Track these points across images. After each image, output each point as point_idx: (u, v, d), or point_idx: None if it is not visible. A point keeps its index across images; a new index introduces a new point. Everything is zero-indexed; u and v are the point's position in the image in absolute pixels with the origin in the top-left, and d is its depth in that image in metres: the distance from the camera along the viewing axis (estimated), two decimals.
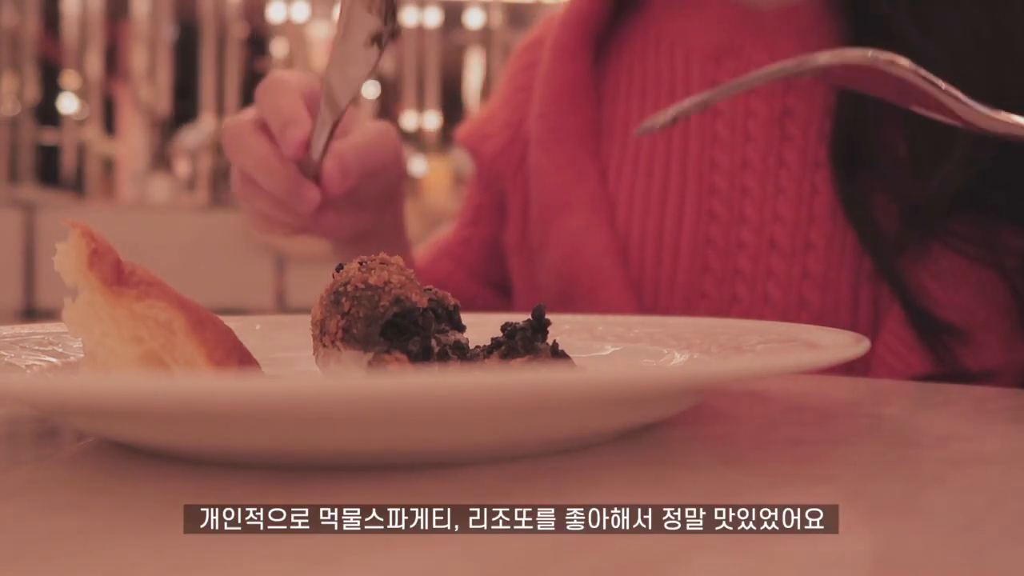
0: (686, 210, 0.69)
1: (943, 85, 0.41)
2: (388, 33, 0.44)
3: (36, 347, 0.41)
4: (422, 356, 0.36)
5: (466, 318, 0.40)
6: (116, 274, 0.34)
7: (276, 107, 0.53)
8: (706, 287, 0.68)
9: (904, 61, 0.42)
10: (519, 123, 0.79)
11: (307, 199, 0.54)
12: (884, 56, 0.42)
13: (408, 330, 0.36)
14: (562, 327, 0.50)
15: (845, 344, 0.36)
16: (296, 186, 0.53)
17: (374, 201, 0.66)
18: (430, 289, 0.38)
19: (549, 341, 0.38)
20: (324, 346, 0.37)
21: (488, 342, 0.38)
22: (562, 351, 0.38)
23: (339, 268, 0.38)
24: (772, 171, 0.68)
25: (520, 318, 0.39)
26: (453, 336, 0.38)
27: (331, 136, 0.51)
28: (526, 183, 0.77)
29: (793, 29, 0.70)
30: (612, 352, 0.48)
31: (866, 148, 0.64)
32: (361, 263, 0.38)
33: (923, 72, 0.42)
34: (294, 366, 0.42)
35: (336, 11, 0.48)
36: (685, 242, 0.69)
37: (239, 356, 0.36)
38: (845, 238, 0.65)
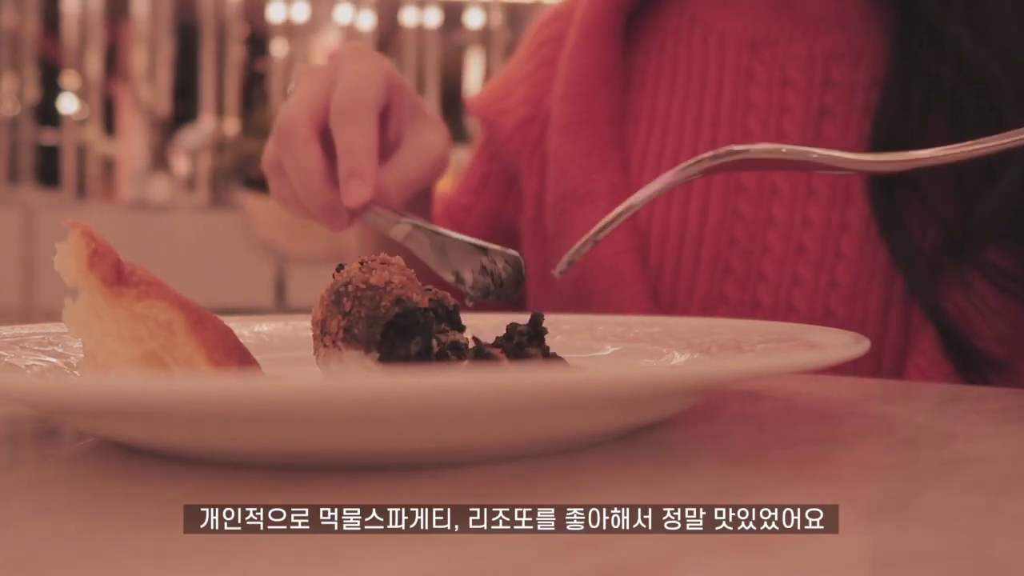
0: (710, 208, 0.66)
1: (815, 152, 0.39)
2: (468, 291, 0.42)
3: (36, 347, 0.41)
4: (422, 356, 0.36)
5: (466, 318, 0.40)
6: (116, 274, 0.34)
7: (351, 143, 0.49)
8: (727, 291, 0.65)
9: (762, 146, 0.40)
10: (539, 100, 0.75)
11: (336, 223, 0.51)
12: (738, 148, 0.39)
13: (409, 330, 0.36)
14: (562, 327, 0.50)
15: (845, 344, 0.36)
16: (330, 210, 0.51)
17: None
18: (430, 289, 0.39)
19: (548, 343, 0.38)
20: (325, 346, 0.37)
21: (488, 342, 0.38)
22: (554, 354, 0.38)
23: (339, 268, 0.38)
24: (804, 172, 0.64)
25: (526, 318, 0.39)
26: (453, 336, 0.38)
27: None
28: (543, 164, 0.73)
29: (835, 23, 0.67)
30: (612, 352, 0.48)
31: None
32: (362, 263, 0.38)
33: (785, 147, 0.40)
34: (294, 366, 0.42)
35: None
36: (708, 242, 0.65)
37: (239, 356, 0.36)
38: (878, 250, 0.61)
